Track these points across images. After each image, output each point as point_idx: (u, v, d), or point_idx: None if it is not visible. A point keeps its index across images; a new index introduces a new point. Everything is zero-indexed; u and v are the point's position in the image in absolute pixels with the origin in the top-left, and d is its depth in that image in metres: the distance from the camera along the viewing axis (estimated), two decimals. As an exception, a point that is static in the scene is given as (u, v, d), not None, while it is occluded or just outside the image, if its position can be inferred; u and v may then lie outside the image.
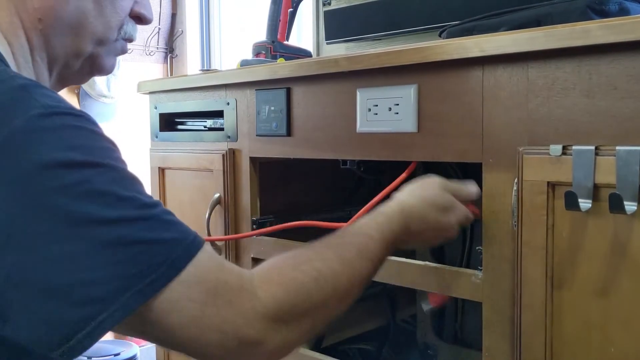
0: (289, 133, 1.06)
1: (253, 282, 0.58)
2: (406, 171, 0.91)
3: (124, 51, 0.75)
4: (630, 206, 0.65)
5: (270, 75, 1.08)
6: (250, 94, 1.14)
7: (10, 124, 0.49)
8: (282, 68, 1.07)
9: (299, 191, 1.29)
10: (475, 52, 0.78)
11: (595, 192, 0.68)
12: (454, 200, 0.81)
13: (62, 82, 0.72)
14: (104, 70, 0.74)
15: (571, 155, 0.70)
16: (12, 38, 0.64)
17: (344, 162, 1.02)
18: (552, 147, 0.71)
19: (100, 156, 0.52)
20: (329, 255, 0.65)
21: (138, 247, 0.51)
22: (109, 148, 0.55)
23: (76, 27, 0.67)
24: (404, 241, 0.76)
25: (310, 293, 0.61)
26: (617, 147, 0.66)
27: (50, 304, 0.48)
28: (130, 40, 0.74)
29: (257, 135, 1.12)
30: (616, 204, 0.65)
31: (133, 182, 0.54)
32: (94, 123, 0.55)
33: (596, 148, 0.68)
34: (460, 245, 1.11)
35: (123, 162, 0.55)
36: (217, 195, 1.18)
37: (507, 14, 0.93)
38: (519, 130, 0.76)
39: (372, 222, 0.73)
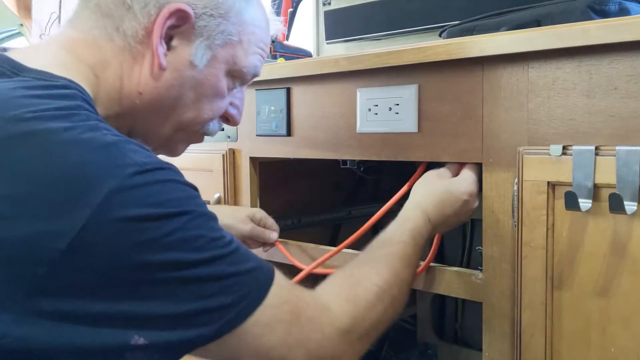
0: (289, 133, 1.06)
1: (326, 300, 0.63)
2: (418, 171, 0.92)
3: (198, 142, 0.78)
4: (630, 206, 0.65)
5: (270, 75, 1.08)
6: (250, 93, 1.14)
7: (107, 184, 0.50)
8: (282, 68, 1.07)
9: (299, 191, 1.29)
10: (475, 52, 0.78)
11: (595, 192, 0.68)
12: (456, 182, 0.83)
13: None
14: (172, 154, 0.78)
15: (571, 155, 0.70)
16: (107, 93, 0.66)
17: (344, 162, 1.02)
18: (552, 147, 0.71)
19: (188, 204, 0.55)
20: (381, 269, 0.71)
21: (230, 280, 0.56)
22: (194, 195, 0.57)
23: (169, 111, 0.70)
24: (432, 236, 0.83)
25: (375, 307, 0.67)
26: (617, 147, 0.66)
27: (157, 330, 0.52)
28: (209, 135, 0.78)
29: (257, 135, 1.12)
30: (616, 204, 0.65)
31: (215, 221, 0.58)
32: (178, 172, 0.57)
33: (596, 148, 0.68)
34: (460, 245, 1.11)
35: (204, 204, 0.58)
36: (217, 195, 1.18)
37: (507, 14, 0.93)
38: (519, 130, 0.77)
39: (404, 229, 0.79)
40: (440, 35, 1.07)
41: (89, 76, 0.64)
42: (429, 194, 0.82)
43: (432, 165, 0.89)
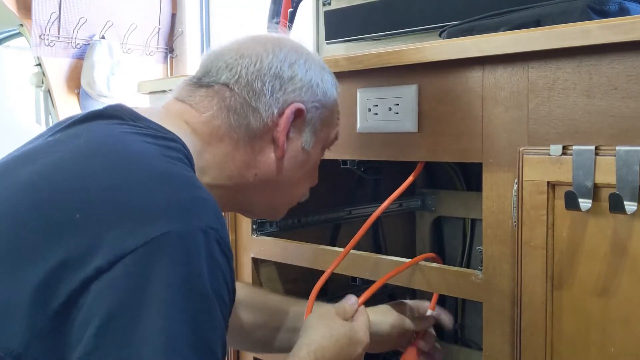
0: (289, 133, 1.05)
1: None
2: (417, 168, 0.93)
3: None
4: (630, 206, 0.65)
5: (270, 75, 1.08)
6: (250, 94, 1.14)
7: (173, 224, 0.53)
8: (282, 68, 1.07)
9: (299, 191, 1.28)
10: (475, 52, 0.78)
11: (595, 192, 0.68)
12: (354, 329, 0.82)
13: None
14: (275, 218, 0.92)
15: (571, 155, 0.70)
16: (217, 166, 0.73)
17: (344, 162, 1.02)
18: (552, 147, 0.71)
19: (216, 291, 0.56)
20: None
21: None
22: (224, 284, 0.58)
23: (280, 189, 0.80)
24: None
25: None
26: (617, 147, 0.66)
27: None
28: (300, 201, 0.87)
29: (257, 135, 1.12)
30: (616, 204, 0.65)
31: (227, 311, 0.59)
32: (231, 256, 0.59)
33: (596, 148, 0.68)
34: (460, 245, 1.11)
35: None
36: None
37: (507, 14, 0.93)
38: (519, 130, 0.77)
39: None
40: (440, 35, 1.07)
41: (195, 143, 0.70)
42: (328, 337, 0.78)
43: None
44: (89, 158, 0.59)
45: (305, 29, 1.93)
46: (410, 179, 0.93)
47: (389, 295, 1.35)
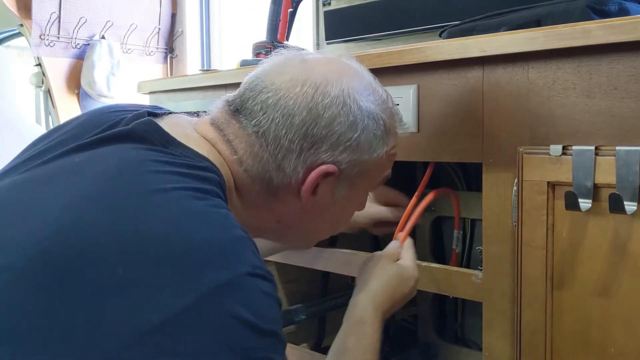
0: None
1: None
2: (428, 170, 0.94)
3: None
4: (630, 206, 0.65)
5: (271, 75, 1.08)
6: (251, 94, 1.14)
7: (219, 275, 0.51)
8: (282, 68, 1.07)
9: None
10: (475, 52, 0.78)
11: (595, 192, 0.68)
12: (402, 267, 0.84)
13: None
14: (307, 247, 0.90)
15: (571, 155, 0.70)
16: (240, 207, 0.69)
17: (344, 162, 1.02)
18: (552, 147, 0.71)
19: (278, 326, 0.55)
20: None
21: None
22: (280, 314, 0.58)
23: (307, 233, 0.78)
24: (386, 318, 0.82)
25: None
26: (617, 147, 0.66)
27: None
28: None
29: (257, 135, 1.12)
30: (616, 204, 0.65)
31: (285, 349, 0.58)
32: (275, 284, 0.58)
33: (596, 148, 0.68)
34: (460, 245, 1.11)
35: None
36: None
37: (507, 14, 0.93)
38: (519, 130, 0.77)
39: (366, 322, 0.78)
40: (440, 35, 1.07)
41: (226, 172, 0.67)
42: (379, 283, 0.81)
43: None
44: (123, 201, 0.55)
45: (305, 29, 1.93)
46: (428, 173, 0.94)
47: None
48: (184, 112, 0.78)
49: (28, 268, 0.50)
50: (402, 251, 0.86)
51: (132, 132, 0.63)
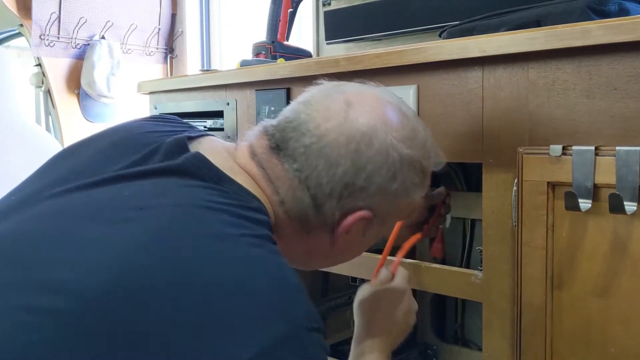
0: (289, 133, 1.05)
1: None
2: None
3: None
4: (630, 206, 0.65)
5: (270, 76, 1.08)
6: (250, 94, 1.14)
7: (279, 327, 0.52)
8: (282, 68, 1.07)
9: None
10: (475, 52, 0.78)
11: (595, 192, 0.68)
12: (389, 287, 0.85)
13: None
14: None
15: (571, 155, 0.70)
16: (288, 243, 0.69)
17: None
18: (552, 147, 0.71)
19: None
20: None
21: None
22: None
23: (335, 260, 0.78)
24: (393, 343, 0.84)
25: None
26: (617, 147, 0.66)
27: None
28: None
29: (257, 136, 1.12)
30: (616, 204, 0.65)
31: None
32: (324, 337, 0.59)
33: (596, 148, 0.68)
34: (460, 245, 1.11)
35: None
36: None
37: (507, 14, 0.93)
38: (519, 130, 0.77)
39: (365, 351, 0.80)
40: (440, 35, 1.07)
41: (270, 211, 0.67)
42: (370, 313, 0.83)
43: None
44: (185, 249, 0.54)
45: (305, 29, 1.93)
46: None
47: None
48: (215, 135, 0.77)
49: (84, 312, 0.48)
50: (396, 274, 0.87)
51: (182, 167, 0.63)
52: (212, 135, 0.74)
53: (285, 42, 1.51)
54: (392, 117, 0.69)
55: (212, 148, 0.69)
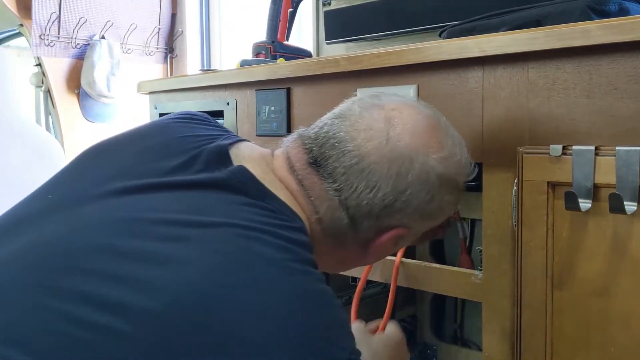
0: (289, 133, 1.05)
1: None
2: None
3: None
4: (630, 206, 0.65)
5: (270, 76, 1.08)
6: (250, 94, 1.14)
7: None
8: (282, 68, 1.07)
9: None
10: (475, 52, 0.78)
11: (595, 192, 0.68)
12: (383, 335, 0.89)
13: None
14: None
15: (571, 155, 0.70)
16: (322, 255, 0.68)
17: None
18: (552, 147, 0.71)
19: None
20: None
21: None
22: None
23: (351, 267, 0.81)
24: None
25: None
26: (617, 147, 0.66)
27: None
28: None
29: (257, 136, 1.12)
30: (616, 204, 0.65)
31: None
32: None
33: (596, 148, 0.68)
34: (460, 245, 1.11)
35: None
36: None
37: (507, 14, 0.93)
38: (519, 130, 0.77)
39: None
40: (440, 35, 1.07)
41: (309, 228, 0.68)
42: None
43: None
44: (237, 279, 0.54)
45: (305, 29, 1.93)
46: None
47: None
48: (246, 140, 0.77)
49: (146, 336, 0.49)
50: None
51: (228, 182, 0.64)
52: (247, 141, 0.75)
53: (285, 42, 1.51)
54: (432, 136, 0.69)
55: (250, 157, 0.69)
